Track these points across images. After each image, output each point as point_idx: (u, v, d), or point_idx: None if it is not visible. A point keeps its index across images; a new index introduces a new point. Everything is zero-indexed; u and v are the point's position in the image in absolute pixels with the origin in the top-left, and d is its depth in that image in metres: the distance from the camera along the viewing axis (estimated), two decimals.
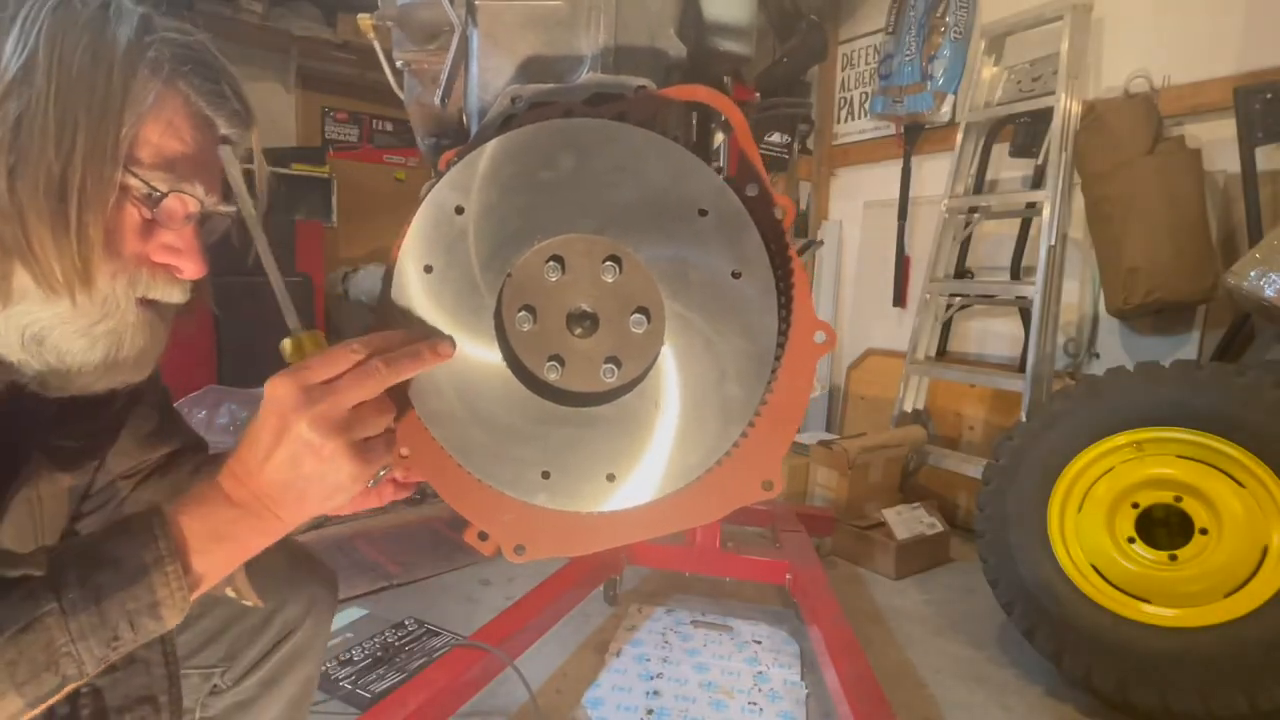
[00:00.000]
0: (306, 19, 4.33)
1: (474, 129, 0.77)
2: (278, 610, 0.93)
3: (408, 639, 1.90)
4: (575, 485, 0.68)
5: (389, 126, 4.91)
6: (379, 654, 1.81)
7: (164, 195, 0.63)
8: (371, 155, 4.83)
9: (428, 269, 0.66)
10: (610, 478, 0.67)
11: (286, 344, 0.65)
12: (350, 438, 0.58)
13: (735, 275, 0.64)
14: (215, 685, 0.91)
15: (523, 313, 0.67)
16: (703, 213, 0.64)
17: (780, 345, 0.66)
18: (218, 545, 0.61)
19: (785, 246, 0.67)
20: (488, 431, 0.67)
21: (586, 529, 0.71)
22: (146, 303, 0.66)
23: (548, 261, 0.66)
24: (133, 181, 0.62)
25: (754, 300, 0.65)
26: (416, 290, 0.66)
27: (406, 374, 0.63)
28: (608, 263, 0.66)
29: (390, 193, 4.89)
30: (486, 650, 1.55)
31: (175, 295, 0.68)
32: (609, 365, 0.66)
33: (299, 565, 0.97)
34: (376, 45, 1.24)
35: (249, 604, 0.80)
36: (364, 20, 1.10)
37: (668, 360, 0.66)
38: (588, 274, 0.67)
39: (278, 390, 0.58)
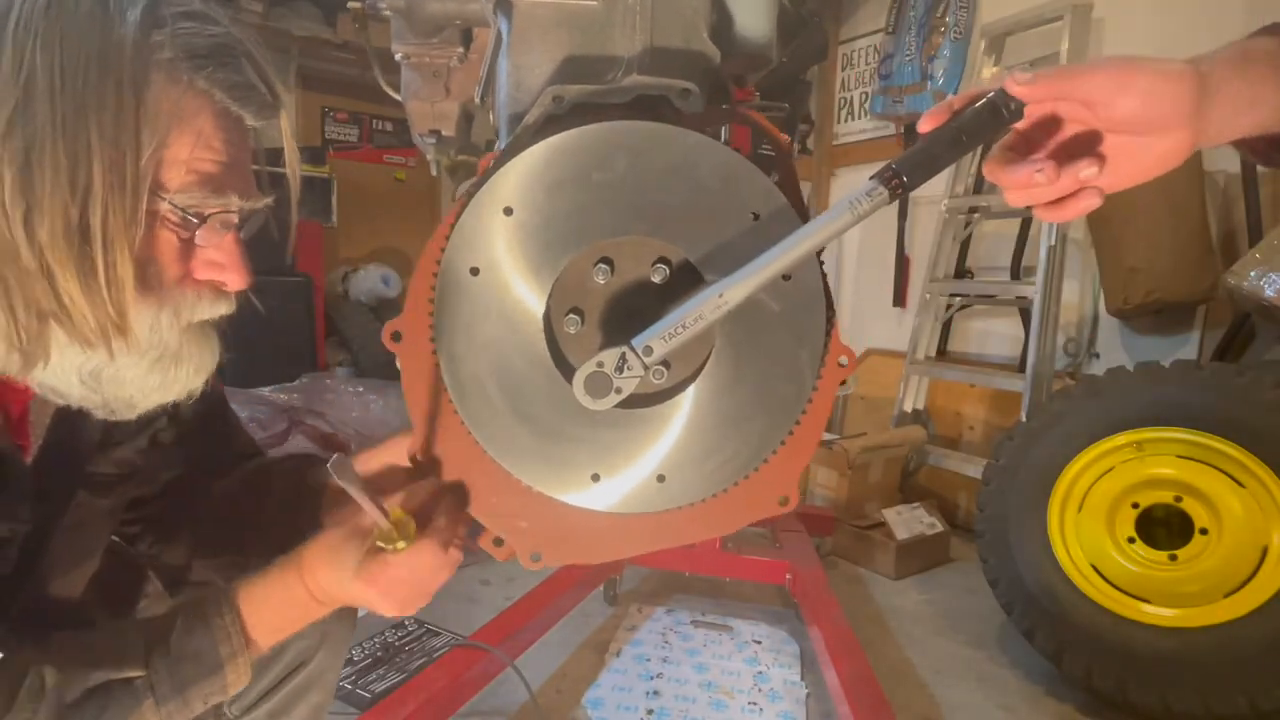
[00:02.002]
0: (306, 19, 4.33)
1: (503, 128, 0.77)
2: (290, 642, 0.89)
3: (408, 639, 1.90)
4: (625, 487, 0.68)
5: (389, 126, 4.92)
6: (379, 654, 1.81)
7: (204, 219, 0.60)
8: (371, 155, 4.83)
9: (474, 271, 0.65)
10: (660, 479, 0.68)
11: (381, 543, 0.67)
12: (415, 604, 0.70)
13: (786, 278, 0.65)
14: (223, 715, 0.89)
15: (571, 315, 0.66)
16: (755, 216, 0.65)
17: (826, 346, 0.67)
18: (287, 628, 0.71)
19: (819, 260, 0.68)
20: (535, 435, 0.67)
21: (602, 536, 0.71)
22: (196, 324, 0.65)
23: (597, 264, 0.66)
24: (164, 208, 0.58)
25: (803, 302, 0.66)
26: (463, 293, 0.66)
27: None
28: (658, 264, 0.66)
29: (390, 192, 4.89)
30: (486, 650, 1.55)
31: (222, 308, 0.66)
32: (659, 367, 0.66)
33: None
34: (365, 36, 1.24)
35: None
36: (354, 8, 1.10)
37: (717, 361, 0.67)
38: (637, 276, 0.67)
39: (380, 605, 0.68)
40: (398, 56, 1.18)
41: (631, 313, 0.66)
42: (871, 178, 0.56)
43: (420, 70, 1.21)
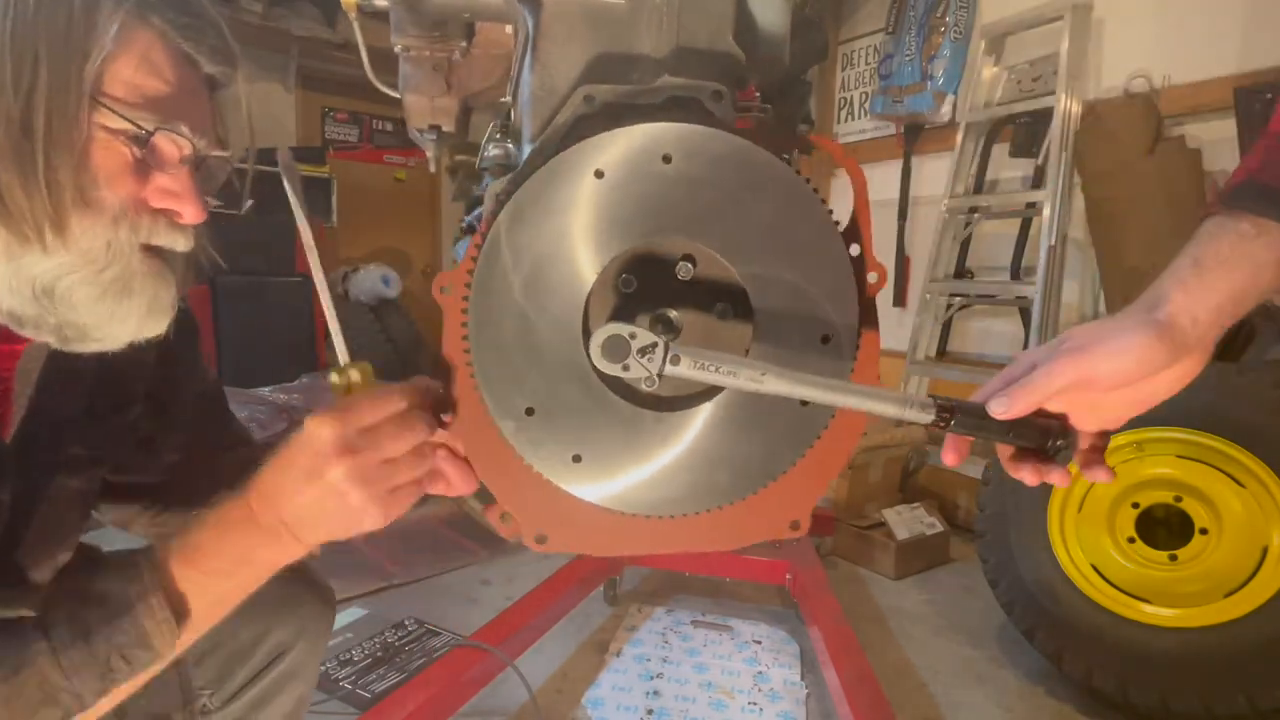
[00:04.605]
0: (306, 19, 4.32)
1: (527, 125, 0.77)
2: (268, 632, 0.91)
3: (408, 639, 1.90)
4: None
5: (389, 126, 4.92)
6: (379, 654, 1.81)
7: (151, 133, 0.61)
8: (371, 155, 4.83)
9: (549, 214, 0.65)
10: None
11: (334, 377, 0.64)
12: (380, 489, 0.60)
13: (825, 340, 0.67)
14: (204, 705, 0.90)
15: (627, 276, 0.67)
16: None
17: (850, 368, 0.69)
18: (242, 568, 0.64)
19: (873, 311, 0.69)
20: (536, 392, 0.66)
21: (612, 530, 0.71)
22: (152, 250, 0.65)
23: (681, 260, 0.67)
24: (113, 121, 0.59)
25: (835, 362, 0.67)
26: (524, 229, 0.65)
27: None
28: (725, 294, 0.67)
29: (390, 192, 4.90)
30: (486, 650, 1.55)
31: (179, 242, 0.66)
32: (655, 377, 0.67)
33: (294, 584, 0.94)
34: (356, 27, 1.21)
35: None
36: (349, 5, 1.08)
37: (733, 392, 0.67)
38: (710, 277, 0.67)
39: (319, 431, 0.59)
40: (397, 49, 1.16)
41: (679, 303, 0.67)
42: (933, 396, 0.60)
43: (420, 64, 1.19)
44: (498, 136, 1.19)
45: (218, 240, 0.72)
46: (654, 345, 0.59)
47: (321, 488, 0.59)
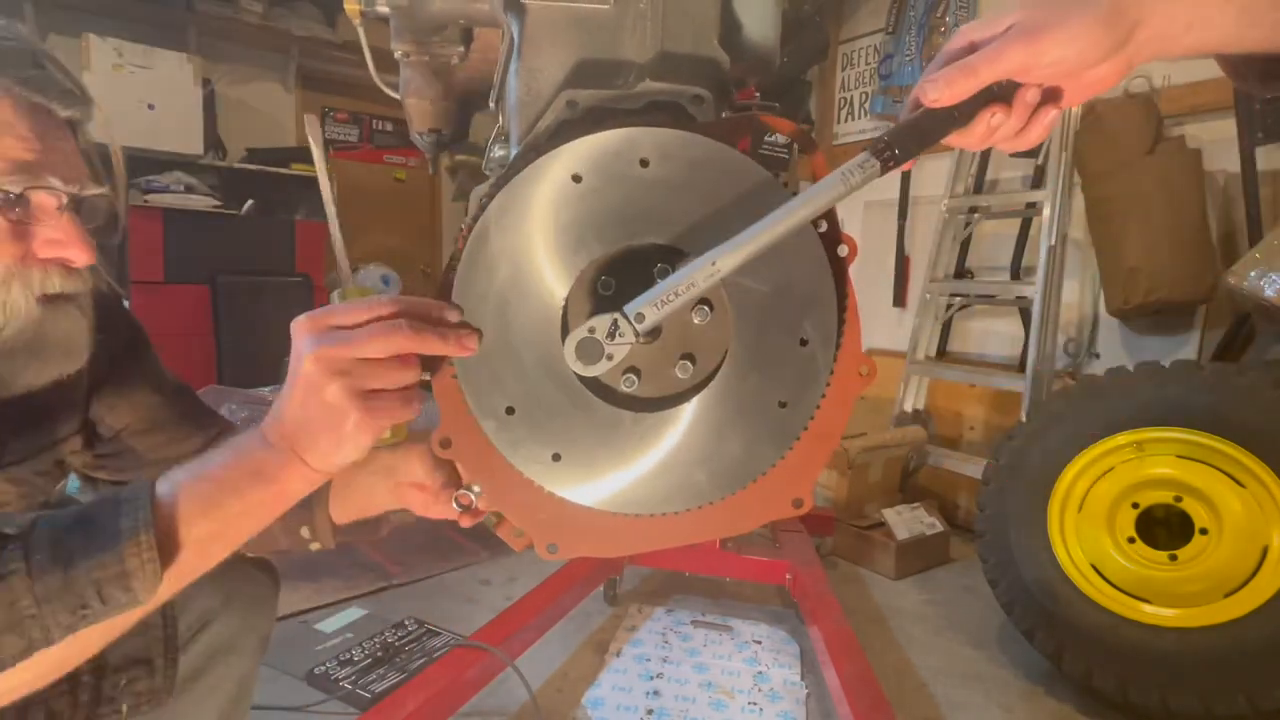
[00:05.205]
0: (306, 19, 4.33)
1: (513, 130, 0.77)
2: (190, 598, 0.88)
3: (408, 639, 1.89)
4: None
5: (389, 126, 4.91)
6: (379, 654, 1.81)
7: (20, 195, 0.64)
8: (371, 155, 4.83)
9: (524, 218, 0.66)
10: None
11: (335, 295, 0.66)
12: (354, 384, 0.55)
13: (803, 342, 0.67)
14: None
15: (607, 278, 0.67)
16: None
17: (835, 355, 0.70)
18: (253, 485, 0.58)
19: (845, 282, 0.69)
20: (518, 394, 0.67)
21: (620, 531, 0.71)
22: (51, 297, 0.68)
23: (659, 263, 0.67)
24: None
25: (813, 364, 0.68)
26: (505, 234, 0.65)
27: (428, 348, 0.59)
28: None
29: (390, 192, 4.89)
30: (486, 650, 1.55)
31: (76, 285, 0.70)
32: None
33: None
34: (361, 32, 1.23)
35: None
36: (350, 5, 1.09)
37: (722, 377, 0.68)
38: (645, 283, 0.68)
39: (297, 328, 0.57)
40: (397, 54, 1.17)
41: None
42: (863, 149, 0.55)
43: (420, 68, 1.20)
44: (503, 138, 1.20)
45: (219, 240, 0.74)
46: (614, 322, 0.59)
47: (300, 382, 0.56)
